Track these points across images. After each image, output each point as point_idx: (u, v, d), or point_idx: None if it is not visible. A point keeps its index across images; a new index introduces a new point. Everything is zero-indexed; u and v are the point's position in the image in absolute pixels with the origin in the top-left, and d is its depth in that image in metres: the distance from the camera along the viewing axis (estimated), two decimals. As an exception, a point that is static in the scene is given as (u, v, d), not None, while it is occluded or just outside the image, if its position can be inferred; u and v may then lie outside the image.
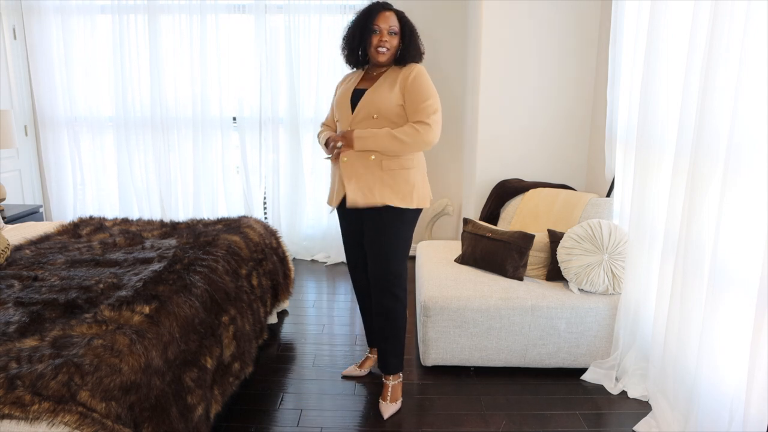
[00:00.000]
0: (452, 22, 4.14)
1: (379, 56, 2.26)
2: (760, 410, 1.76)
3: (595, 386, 2.59)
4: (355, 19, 2.31)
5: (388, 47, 2.25)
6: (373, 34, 2.25)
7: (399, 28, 2.27)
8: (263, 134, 4.41)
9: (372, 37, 2.25)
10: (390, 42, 2.25)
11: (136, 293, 2.00)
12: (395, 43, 2.27)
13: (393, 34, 2.26)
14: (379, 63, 2.30)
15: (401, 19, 2.28)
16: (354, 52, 2.34)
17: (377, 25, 2.24)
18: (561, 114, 3.53)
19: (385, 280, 2.31)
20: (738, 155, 1.82)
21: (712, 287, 1.94)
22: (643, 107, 2.47)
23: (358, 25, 2.28)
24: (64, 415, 1.40)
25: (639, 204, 2.50)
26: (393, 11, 2.28)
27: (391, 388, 2.40)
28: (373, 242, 2.30)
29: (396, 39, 2.27)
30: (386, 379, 2.42)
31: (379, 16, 2.25)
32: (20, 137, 4.28)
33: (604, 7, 3.34)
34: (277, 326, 3.21)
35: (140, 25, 4.21)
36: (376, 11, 2.26)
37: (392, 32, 2.25)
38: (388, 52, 2.26)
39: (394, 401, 2.38)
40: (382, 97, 2.23)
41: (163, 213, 4.48)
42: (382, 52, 2.25)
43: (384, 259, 2.29)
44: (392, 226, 2.28)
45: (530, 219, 3.20)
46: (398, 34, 2.27)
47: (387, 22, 2.24)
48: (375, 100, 2.24)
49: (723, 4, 1.87)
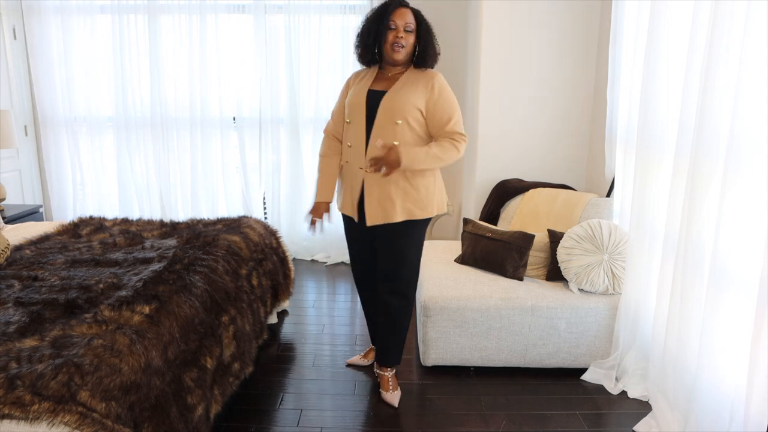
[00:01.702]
0: (452, 22, 4.14)
1: (395, 54, 2.18)
2: (760, 410, 1.76)
3: (595, 386, 2.59)
4: (371, 16, 2.23)
5: (404, 44, 2.18)
6: (389, 30, 2.17)
7: (415, 26, 2.20)
8: (263, 134, 4.40)
9: (388, 34, 2.18)
10: (406, 39, 2.18)
11: (136, 293, 2.00)
12: (411, 41, 2.20)
13: (409, 32, 2.18)
14: (394, 61, 2.22)
15: (417, 17, 2.22)
16: (369, 50, 2.25)
17: (393, 22, 2.16)
18: (561, 114, 3.53)
19: (397, 284, 2.34)
20: (738, 155, 1.82)
21: (712, 287, 1.94)
22: (643, 107, 2.47)
23: (373, 22, 2.20)
24: (64, 415, 1.41)
25: (639, 204, 2.50)
26: (410, 8, 2.21)
27: (391, 379, 2.48)
28: (388, 250, 2.29)
29: (412, 37, 2.20)
30: (385, 371, 2.49)
31: (396, 13, 2.17)
32: (20, 137, 4.28)
33: (604, 7, 3.34)
34: (277, 326, 3.21)
35: (140, 25, 4.21)
36: (393, 7, 2.18)
37: (408, 30, 2.18)
38: (404, 49, 2.19)
39: (396, 389, 2.48)
40: (406, 101, 2.17)
41: (163, 213, 4.48)
42: (398, 49, 2.18)
43: (399, 265, 2.31)
44: (409, 236, 2.29)
45: (530, 219, 3.20)
46: (414, 32, 2.20)
47: (404, 18, 2.17)
48: (397, 105, 2.17)
49: (723, 4, 1.87)
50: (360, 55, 2.29)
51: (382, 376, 2.50)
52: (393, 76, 2.26)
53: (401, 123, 2.18)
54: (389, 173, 2.10)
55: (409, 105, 2.16)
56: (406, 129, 2.19)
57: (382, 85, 2.25)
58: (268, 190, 4.51)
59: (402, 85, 2.21)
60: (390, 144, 2.13)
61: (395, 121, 2.17)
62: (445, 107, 2.21)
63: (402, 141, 2.18)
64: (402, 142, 2.18)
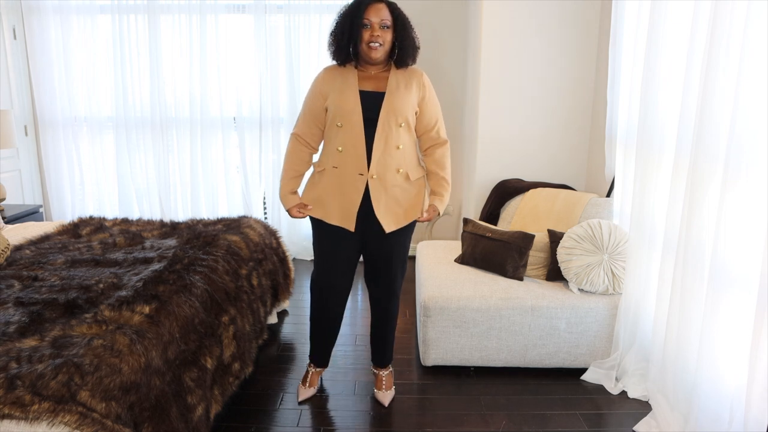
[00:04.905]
0: (452, 22, 4.14)
1: (372, 52, 2.07)
2: (760, 410, 1.76)
3: (595, 386, 2.59)
4: (343, 13, 2.09)
5: (381, 42, 2.06)
6: (364, 29, 2.05)
7: (392, 22, 2.08)
8: (263, 134, 4.40)
9: (363, 33, 2.06)
10: (383, 36, 2.06)
11: (136, 293, 2.00)
12: (388, 37, 2.07)
13: (385, 28, 2.06)
14: (372, 60, 2.10)
15: (393, 11, 2.09)
16: (343, 50, 2.12)
17: (368, 19, 2.04)
18: (561, 114, 3.53)
19: (394, 285, 2.36)
20: (738, 155, 1.81)
21: (712, 287, 1.94)
22: (643, 107, 2.47)
23: (346, 20, 2.07)
24: (64, 415, 1.40)
25: (639, 204, 2.50)
26: (384, 3, 2.07)
27: (386, 378, 2.49)
28: (388, 254, 2.28)
29: (389, 33, 2.07)
30: (381, 370, 2.49)
31: (369, 9, 2.04)
32: (20, 137, 4.28)
33: (604, 7, 3.34)
34: (277, 326, 3.21)
35: (140, 25, 4.21)
36: (366, 3, 2.05)
37: (384, 26, 2.05)
38: (382, 47, 2.07)
39: (390, 388, 2.48)
40: (407, 102, 2.13)
41: (162, 213, 4.48)
42: (375, 47, 2.06)
43: (398, 267, 2.33)
44: (407, 238, 2.31)
45: (530, 219, 3.20)
46: (391, 27, 2.08)
47: (378, 15, 2.04)
48: (399, 106, 2.11)
49: (723, 4, 1.87)
50: (333, 53, 2.15)
51: (379, 375, 2.50)
52: (377, 74, 2.17)
53: (403, 125, 2.15)
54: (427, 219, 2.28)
55: (408, 106, 2.14)
56: (406, 130, 2.18)
57: (371, 85, 2.14)
58: (268, 190, 4.51)
59: (397, 86, 2.13)
60: (431, 212, 2.27)
61: (399, 123, 2.14)
62: (433, 108, 2.24)
63: (402, 143, 2.17)
64: (402, 144, 2.17)
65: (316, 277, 2.36)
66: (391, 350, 2.51)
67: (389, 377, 2.51)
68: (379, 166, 2.13)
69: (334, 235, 2.24)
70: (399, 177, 2.17)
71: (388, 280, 2.33)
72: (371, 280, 2.37)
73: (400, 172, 2.17)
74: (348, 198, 2.17)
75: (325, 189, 2.22)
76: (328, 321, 2.40)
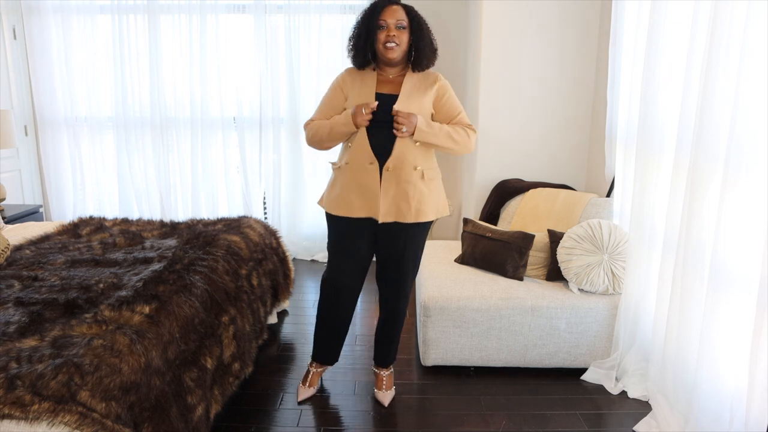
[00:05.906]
0: (452, 22, 4.14)
1: (388, 52, 2.12)
2: (760, 410, 1.76)
3: (595, 386, 2.59)
4: (360, 18, 2.18)
5: (398, 42, 2.11)
6: (380, 30, 2.12)
7: (408, 23, 2.14)
8: (263, 134, 4.40)
9: (379, 34, 2.12)
10: (399, 37, 2.11)
11: (136, 293, 2.00)
12: (405, 38, 2.13)
13: (401, 29, 2.12)
14: (389, 61, 2.16)
15: (409, 12, 2.15)
16: (361, 53, 2.19)
17: (384, 20, 2.11)
18: (561, 114, 3.53)
19: (404, 285, 2.35)
20: (738, 155, 1.82)
21: (712, 287, 1.94)
22: (643, 107, 2.47)
23: (363, 23, 2.15)
24: (64, 415, 1.41)
25: (639, 204, 2.50)
26: (400, 5, 2.14)
27: (387, 378, 2.49)
28: (398, 253, 2.28)
29: (405, 34, 2.13)
30: (383, 370, 2.50)
31: (385, 11, 2.11)
32: (20, 137, 4.28)
33: (604, 7, 3.34)
34: (277, 326, 3.21)
35: (140, 25, 4.21)
36: (382, 6, 2.13)
37: (400, 26, 2.11)
38: (398, 47, 2.12)
39: (390, 388, 2.49)
40: (420, 105, 2.16)
41: (163, 213, 4.48)
42: (391, 47, 2.11)
43: (410, 267, 2.32)
44: (420, 238, 2.30)
45: (530, 219, 3.20)
46: (407, 28, 2.13)
47: (394, 16, 2.11)
48: (413, 110, 2.13)
49: (723, 4, 1.87)
50: (353, 58, 2.23)
51: (380, 375, 2.50)
52: (395, 78, 2.22)
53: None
54: (409, 133, 2.10)
55: (420, 109, 2.16)
56: None
57: (388, 88, 2.19)
58: (268, 190, 4.51)
59: (410, 89, 2.17)
60: (409, 116, 2.10)
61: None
62: (453, 106, 2.25)
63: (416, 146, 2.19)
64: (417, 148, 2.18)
65: (328, 275, 2.36)
66: (395, 351, 2.51)
67: (390, 377, 2.51)
68: (396, 160, 2.15)
69: (350, 235, 2.27)
70: (415, 174, 2.17)
71: (399, 279, 2.32)
72: (382, 280, 2.37)
73: (416, 170, 2.18)
74: (367, 187, 2.19)
75: (343, 185, 2.24)
76: (338, 319, 2.41)
